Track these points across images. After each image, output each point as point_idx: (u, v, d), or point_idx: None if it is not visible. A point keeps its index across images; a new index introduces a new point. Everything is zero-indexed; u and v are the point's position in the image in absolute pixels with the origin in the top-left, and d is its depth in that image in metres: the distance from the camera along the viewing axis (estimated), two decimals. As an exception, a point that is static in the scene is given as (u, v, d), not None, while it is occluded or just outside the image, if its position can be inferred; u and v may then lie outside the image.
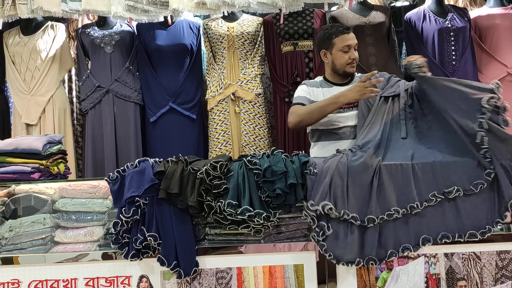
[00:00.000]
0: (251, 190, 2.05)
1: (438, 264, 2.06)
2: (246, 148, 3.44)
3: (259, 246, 2.16)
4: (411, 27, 3.60)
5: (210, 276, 2.13)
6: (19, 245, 2.27)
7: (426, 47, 3.53)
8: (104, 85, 3.50)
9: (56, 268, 2.19)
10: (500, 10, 3.60)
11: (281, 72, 3.52)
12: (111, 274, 2.16)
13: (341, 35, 2.54)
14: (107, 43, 3.54)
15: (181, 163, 2.14)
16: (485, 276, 2.06)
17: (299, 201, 2.05)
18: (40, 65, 3.52)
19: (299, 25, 3.50)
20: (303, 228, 2.16)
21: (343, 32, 2.55)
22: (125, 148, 3.49)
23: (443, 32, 3.48)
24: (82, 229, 2.26)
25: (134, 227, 2.10)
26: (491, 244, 2.08)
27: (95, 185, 2.30)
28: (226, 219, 2.05)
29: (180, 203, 2.07)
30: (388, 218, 1.95)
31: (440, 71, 3.46)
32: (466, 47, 3.50)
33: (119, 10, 3.22)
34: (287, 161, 2.11)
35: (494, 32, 3.54)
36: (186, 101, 3.53)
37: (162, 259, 2.08)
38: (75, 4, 3.22)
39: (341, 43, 2.54)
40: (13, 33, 3.59)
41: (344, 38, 2.54)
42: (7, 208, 2.31)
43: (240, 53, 3.54)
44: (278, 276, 2.11)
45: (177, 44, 3.54)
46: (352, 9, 3.53)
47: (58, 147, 2.63)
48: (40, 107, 3.49)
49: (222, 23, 3.58)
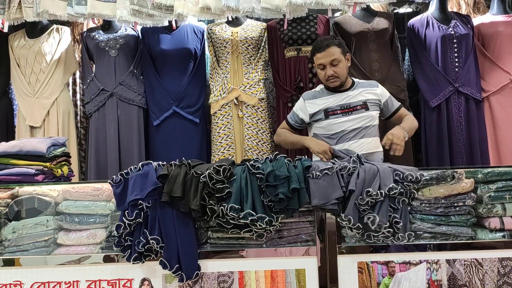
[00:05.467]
0: (253, 194, 2.06)
1: (440, 271, 2.06)
2: (248, 153, 3.45)
3: (260, 251, 2.16)
4: (415, 33, 3.61)
5: (212, 280, 2.13)
6: (22, 247, 2.27)
7: (429, 54, 3.54)
8: (108, 88, 3.52)
9: (58, 270, 2.19)
10: (503, 17, 3.61)
11: (284, 77, 3.53)
12: (113, 277, 2.16)
13: (316, 53, 2.66)
14: (111, 47, 3.56)
15: (184, 167, 2.14)
16: (487, 283, 2.06)
17: (302, 206, 2.06)
18: (45, 68, 3.54)
19: (303, 30, 3.51)
20: (305, 232, 2.17)
21: (316, 52, 2.67)
22: (128, 151, 3.50)
23: (446, 39, 3.49)
24: (84, 231, 2.26)
25: (137, 230, 2.11)
26: (493, 251, 2.09)
27: (98, 188, 2.31)
28: (229, 223, 2.05)
29: (183, 207, 2.07)
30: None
31: (443, 78, 3.47)
32: (469, 54, 3.51)
33: (124, 14, 3.23)
34: (290, 165, 2.11)
35: (497, 39, 3.55)
36: (189, 105, 3.54)
37: (164, 262, 2.08)
38: (80, 8, 3.23)
39: (316, 61, 2.68)
40: (18, 36, 3.62)
41: (317, 58, 2.67)
42: (10, 209, 2.31)
43: (243, 58, 3.55)
44: (279, 280, 2.11)
45: (181, 48, 3.56)
46: (355, 15, 3.54)
47: (62, 149, 2.64)
48: (44, 109, 3.51)
49: (226, 28, 3.60)
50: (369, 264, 2.10)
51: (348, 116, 2.65)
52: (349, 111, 2.65)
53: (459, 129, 3.46)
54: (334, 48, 2.62)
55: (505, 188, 2.16)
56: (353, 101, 2.67)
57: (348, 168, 2.12)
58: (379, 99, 2.72)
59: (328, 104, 2.68)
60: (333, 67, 2.62)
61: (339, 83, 2.67)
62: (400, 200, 2.08)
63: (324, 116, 2.67)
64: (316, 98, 2.73)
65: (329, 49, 2.61)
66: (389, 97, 2.77)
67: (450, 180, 2.14)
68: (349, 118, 2.65)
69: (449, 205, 2.14)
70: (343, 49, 2.66)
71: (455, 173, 2.14)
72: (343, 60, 2.64)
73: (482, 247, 2.11)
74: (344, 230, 2.15)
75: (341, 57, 2.63)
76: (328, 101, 2.69)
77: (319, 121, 2.69)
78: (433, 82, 3.50)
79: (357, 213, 2.04)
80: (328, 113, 2.67)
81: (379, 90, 2.74)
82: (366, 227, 2.05)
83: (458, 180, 2.14)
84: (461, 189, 2.14)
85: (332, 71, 2.62)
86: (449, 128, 3.47)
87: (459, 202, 2.15)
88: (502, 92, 3.50)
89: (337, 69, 2.62)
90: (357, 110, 2.65)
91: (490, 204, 2.15)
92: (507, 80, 3.48)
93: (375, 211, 2.04)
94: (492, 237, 2.14)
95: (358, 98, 2.68)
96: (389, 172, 2.13)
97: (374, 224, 2.02)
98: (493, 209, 2.14)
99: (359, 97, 2.68)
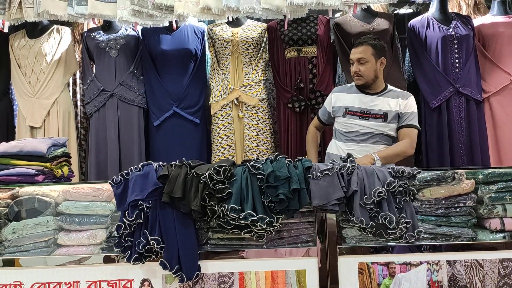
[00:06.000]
0: (254, 195, 2.05)
1: (441, 272, 2.06)
2: (249, 153, 3.45)
3: (260, 251, 2.16)
4: (415, 34, 3.61)
5: (212, 280, 2.13)
6: (22, 247, 2.26)
7: (430, 55, 3.54)
8: (108, 88, 3.52)
9: (58, 271, 2.18)
10: (503, 18, 3.61)
11: (285, 78, 3.53)
12: (113, 277, 2.16)
13: (352, 48, 2.74)
14: (112, 47, 3.56)
15: (184, 167, 2.14)
16: (488, 284, 2.06)
17: (302, 206, 2.06)
18: (45, 68, 3.54)
19: (303, 31, 3.51)
20: (305, 233, 2.17)
21: (353, 46, 2.73)
22: (129, 151, 3.50)
23: (447, 39, 3.49)
24: (85, 232, 2.26)
25: (137, 231, 2.11)
26: (494, 252, 2.09)
27: (98, 188, 2.30)
28: (229, 224, 2.05)
29: (183, 207, 2.07)
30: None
31: (443, 78, 3.47)
32: (469, 55, 3.51)
33: (125, 14, 3.23)
34: (291, 166, 2.11)
35: (497, 40, 3.55)
36: (189, 105, 3.54)
37: (164, 263, 2.08)
38: (81, 8, 3.23)
39: (350, 55, 2.74)
40: (18, 36, 3.62)
41: (351, 52, 2.74)
42: (10, 210, 2.31)
43: (244, 58, 3.55)
44: (280, 281, 2.11)
45: (182, 48, 3.56)
46: (356, 16, 3.54)
47: (62, 150, 2.64)
48: (44, 110, 3.51)
49: (227, 29, 3.60)
50: (370, 265, 2.10)
51: (365, 120, 2.68)
52: (368, 117, 2.69)
53: (459, 130, 3.46)
54: (367, 48, 2.66)
55: (506, 189, 2.16)
56: (375, 108, 2.69)
57: (348, 167, 2.12)
58: (401, 111, 2.68)
59: (351, 103, 2.73)
60: (359, 65, 2.67)
61: (362, 82, 2.70)
62: (402, 199, 2.08)
63: (343, 114, 2.73)
64: (343, 92, 2.79)
65: (361, 47, 2.67)
66: (412, 112, 2.71)
67: (450, 181, 2.14)
68: (365, 123, 2.68)
69: (450, 206, 2.15)
70: (378, 52, 2.67)
71: (455, 174, 2.14)
72: (372, 61, 2.66)
73: (483, 248, 2.11)
74: (345, 231, 2.15)
75: (371, 58, 2.66)
76: (353, 99, 2.73)
77: (338, 117, 2.77)
78: (434, 83, 3.50)
79: (367, 213, 2.04)
80: (348, 113, 2.72)
81: (407, 101, 2.70)
82: (378, 226, 2.04)
83: (459, 181, 2.15)
84: (462, 190, 2.14)
85: (357, 68, 2.67)
86: (449, 129, 3.47)
87: (460, 203, 2.15)
88: (502, 93, 3.50)
89: (362, 68, 2.66)
90: (376, 118, 2.68)
91: (491, 205, 2.15)
92: (508, 81, 3.48)
93: (383, 210, 2.04)
94: (492, 238, 2.14)
95: (381, 106, 2.69)
96: (385, 170, 2.14)
97: (392, 223, 2.02)
98: (493, 210, 2.15)
99: (382, 106, 2.69)
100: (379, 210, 2.04)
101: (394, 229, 2.03)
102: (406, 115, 2.70)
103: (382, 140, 2.70)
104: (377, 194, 2.04)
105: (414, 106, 2.74)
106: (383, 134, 2.69)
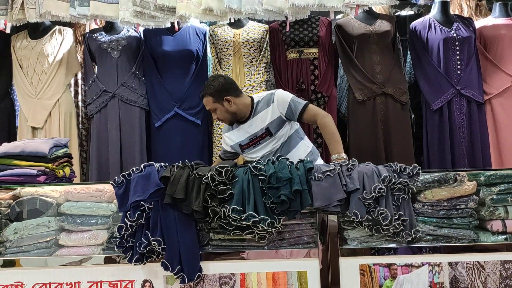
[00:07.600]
0: (255, 196, 2.06)
1: (442, 273, 2.06)
2: (250, 154, 3.45)
3: (262, 252, 2.16)
4: (417, 36, 3.61)
5: (214, 281, 2.13)
6: (24, 248, 2.27)
7: (431, 56, 3.54)
8: (110, 89, 3.52)
9: (59, 271, 2.18)
10: (505, 20, 3.61)
11: (286, 79, 3.53)
12: (114, 278, 2.16)
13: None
14: (113, 48, 3.57)
15: (187, 169, 2.14)
16: (489, 285, 2.06)
17: (304, 208, 2.06)
18: (47, 69, 3.54)
19: (305, 32, 3.52)
20: (306, 234, 2.17)
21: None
22: (130, 152, 3.50)
23: (448, 41, 3.49)
24: (86, 232, 2.26)
25: (139, 231, 2.11)
26: (496, 254, 2.09)
27: (100, 189, 2.31)
28: (231, 225, 2.05)
29: (185, 208, 2.07)
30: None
31: (445, 80, 3.47)
32: (471, 56, 3.51)
33: (127, 15, 3.23)
34: (292, 167, 2.12)
35: (499, 42, 3.55)
36: (191, 106, 3.54)
37: (165, 264, 2.08)
38: (83, 9, 3.23)
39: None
40: (20, 37, 3.62)
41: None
42: (12, 210, 2.31)
43: (245, 59, 3.55)
44: (281, 282, 2.11)
45: (183, 50, 3.56)
46: (357, 18, 3.54)
47: (64, 150, 2.64)
48: (46, 110, 3.51)
49: (228, 30, 3.60)
50: (371, 266, 2.10)
51: (259, 146, 2.67)
52: (257, 142, 2.67)
53: (461, 131, 3.45)
54: (207, 99, 2.66)
55: (508, 191, 2.16)
56: (257, 130, 2.66)
57: (348, 163, 2.14)
58: (280, 113, 2.62)
59: (239, 139, 2.71)
60: (214, 114, 2.71)
61: (228, 123, 2.73)
62: (400, 197, 2.08)
63: (241, 150, 2.74)
64: (229, 131, 2.79)
65: (204, 100, 2.68)
66: (289, 102, 2.61)
67: (452, 182, 2.15)
68: (261, 147, 2.67)
69: (451, 207, 2.15)
70: (217, 95, 2.62)
71: (457, 176, 2.14)
72: (219, 106, 2.64)
73: (484, 249, 2.11)
74: (346, 232, 2.15)
75: (215, 105, 2.64)
76: (238, 135, 2.72)
77: (242, 153, 2.77)
78: (435, 84, 3.50)
79: (364, 208, 2.05)
80: (243, 147, 2.72)
81: (276, 103, 2.63)
82: (374, 221, 2.05)
83: (461, 183, 2.15)
84: (464, 191, 2.15)
85: (214, 116, 2.74)
86: (451, 130, 3.46)
87: (461, 205, 2.15)
88: (504, 95, 3.50)
89: (217, 115, 2.69)
90: (263, 138, 2.65)
91: (493, 207, 2.15)
92: (509, 83, 3.48)
93: (381, 206, 2.05)
94: (494, 239, 2.14)
95: (260, 125, 2.65)
96: (384, 168, 2.16)
97: (386, 220, 2.02)
98: (495, 212, 2.14)
99: (260, 124, 2.65)
100: (376, 205, 2.06)
101: (387, 225, 2.03)
102: (290, 108, 2.59)
103: (293, 142, 2.66)
104: (378, 190, 2.05)
105: (283, 93, 2.67)
106: (286, 141, 2.65)
